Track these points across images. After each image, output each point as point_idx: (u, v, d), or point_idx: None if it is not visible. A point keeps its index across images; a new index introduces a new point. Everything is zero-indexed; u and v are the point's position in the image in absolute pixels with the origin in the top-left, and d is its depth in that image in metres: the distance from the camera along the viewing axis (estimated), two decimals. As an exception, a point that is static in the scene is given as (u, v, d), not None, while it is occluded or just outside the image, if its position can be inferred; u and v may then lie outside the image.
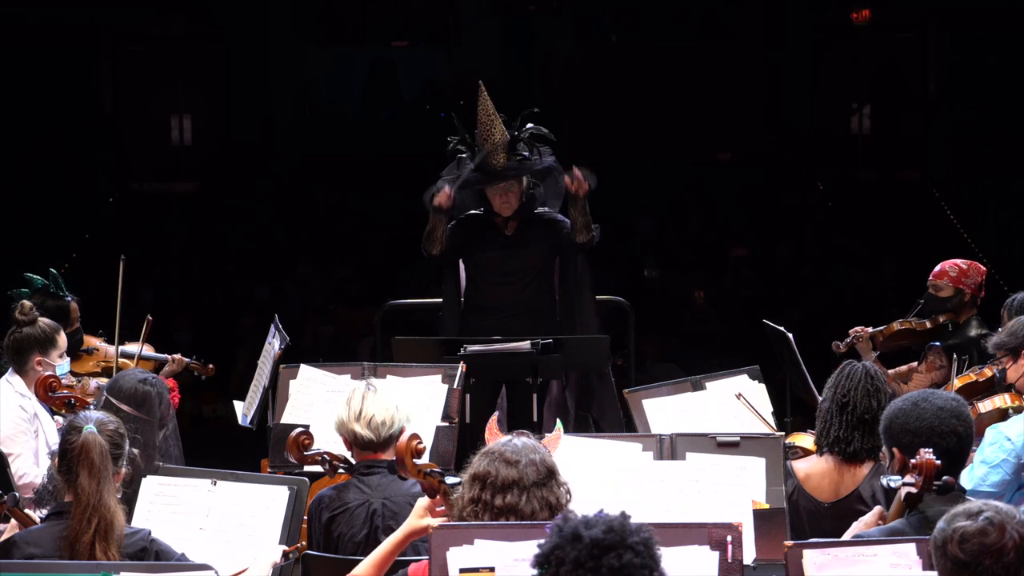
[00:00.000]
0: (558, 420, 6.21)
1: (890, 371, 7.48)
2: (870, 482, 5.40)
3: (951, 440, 4.41)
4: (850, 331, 7.50)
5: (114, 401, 5.47)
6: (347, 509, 5.28)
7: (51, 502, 4.94)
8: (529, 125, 7.85)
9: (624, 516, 3.30)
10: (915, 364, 7.60)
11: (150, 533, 4.67)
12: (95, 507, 4.53)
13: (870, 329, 7.49)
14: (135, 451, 4.91)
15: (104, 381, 6.91)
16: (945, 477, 4.31)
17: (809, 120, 17.79)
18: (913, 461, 4.33)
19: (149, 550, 4.60)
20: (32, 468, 6.33)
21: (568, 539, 3.26)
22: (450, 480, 4.44)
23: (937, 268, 7.50)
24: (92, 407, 5.98)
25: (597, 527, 3.27)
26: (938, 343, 7.38)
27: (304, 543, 5.14)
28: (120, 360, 7.43)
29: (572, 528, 3.28)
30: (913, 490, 4.33)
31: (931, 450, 4.32)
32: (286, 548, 4.95)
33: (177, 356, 7.74)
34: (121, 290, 7.47)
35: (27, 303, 6.66)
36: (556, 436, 5.22)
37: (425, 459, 4.62)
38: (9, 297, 6.99)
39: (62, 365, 6.57)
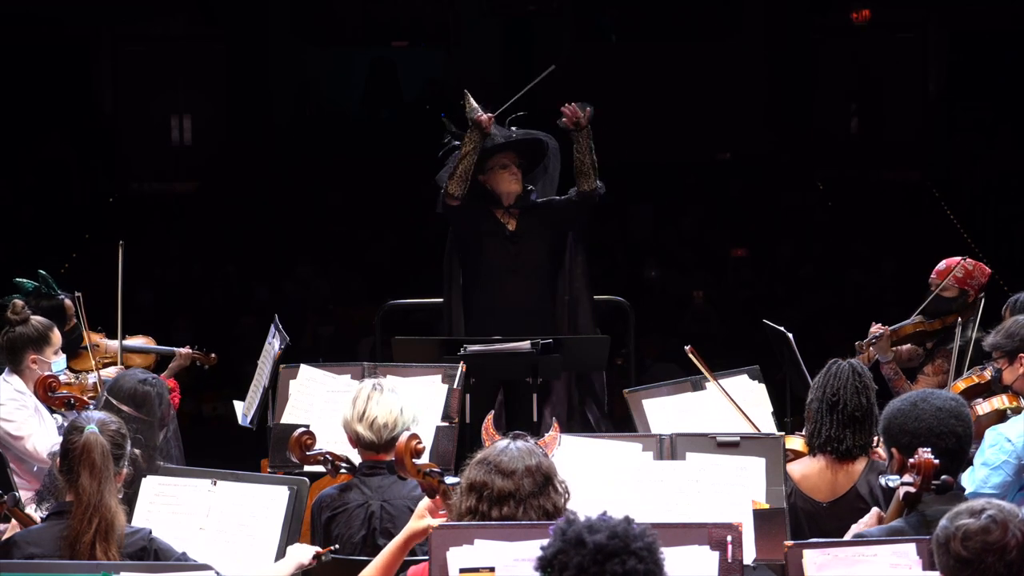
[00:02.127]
0: (554, 420, 6.20)
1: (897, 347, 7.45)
2: (866, 479, 5.40)
3: (950, 440, 4.41)
4: (871, 328, 7.43)
5: (114, 401, 5.48)
6: (346, 510, 5.29)
7: (52, 501, 4.94)
8: (514, 128, 7.87)
9: (628, 521, 3.29)
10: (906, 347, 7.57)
11: (150, 532, 4.67)
12: (96, 507, 4.54)
13: (888, 328, 7.43)
14: (136, 451, 4.91)
15: (102, 372, 6.92)
16: (944, 476, 4.31)
17: (809, 120, 17.78)
18: (911, 461, 4.33)
19: (149, 549, 4.60)
20: (47, 441, 6.32)
21: (572, 544, 3.26)
22: (449, 480, 4.44)
23: (941, 266, 7.42)
24: (92, 406, 6.00)
25: (601, 532, 3.26)
26: (947, 345, 7.34)
27: (337, 546, 5.13)
28: (123, 354, 7.43)
29: (576, 533, 3.27)
30: (912, 489, 4.33)
31: (929, 449, 4.32)
32: (319, 550, 4.95)
33: (184, 350, 7.74)
34: (122, 278, 7.46)
35: (19, 302, 6.67)
36: (553, 437, 5.22)
37: (425, 459, 4.62)
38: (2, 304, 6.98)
39: (57, 362, 6.57)
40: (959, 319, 7.31)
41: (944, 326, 7.39)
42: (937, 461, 4.30)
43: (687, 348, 6.53)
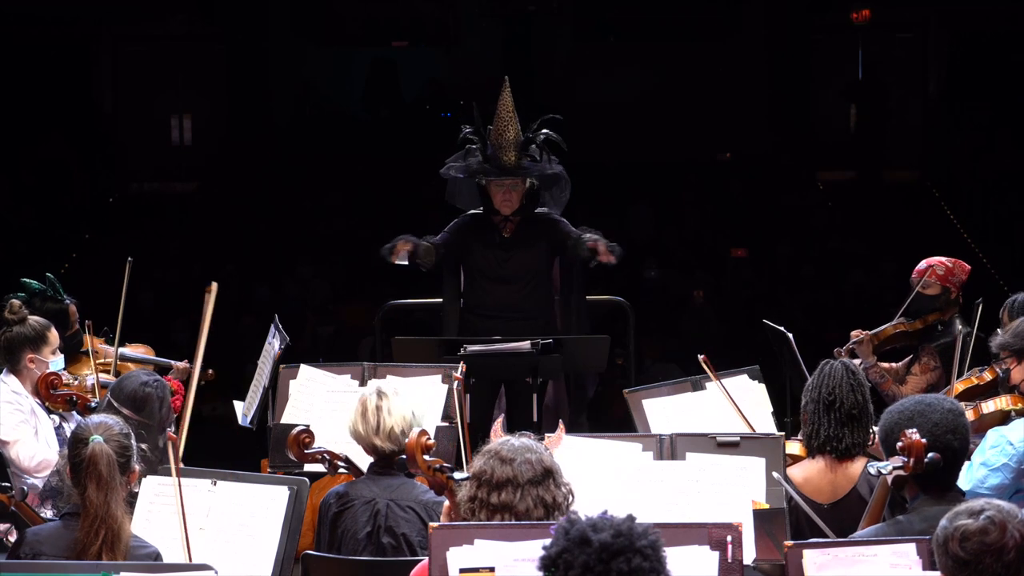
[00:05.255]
0: (560, 421, 6.21)
1: (883, 364, 7.47)
2: (866, 480, 5.39)
3: (947, 454, 4.45)
4: (851, 334, 7.46)
5: (115, 404, 5.48)
6: (353, 505, 5.29)
7: (54, 497, 4.93)
8: (545, 131, 7.88)
9: (631, 519, 3.29)
10: (898, 363, 7.58)
11: (157, 553, 4.65)
12: (103, 518, 4.53)
13: (868, 333, 7.45)
14: (144, 447, 4.89)
15: (101, 375, 6.89)
16: (931, 454, 4.35)
17: (809, 120, 17.79)
18: (900, 444, 4.36)
19: None
20: (43, 449, 6.31)
21: (576, 543, 3.25)
22: (458, 476, 4.45)
23: (921, 265, 7.44)
24: (93, 404, 5.98)
25: (605, 531, 3.26)
26: (931, 344, 7.35)
27: None
28: (119, 364, 7.40)
29: (580, 532, 3.27)
30: (903, 473, 4.36)
31: (915, 430, 4.35)
32: None
33: (182, 364, 7.68)
34: (125, 293, 7.45)
35: (16, 302, 6.63)
36: (558, 436, 5.22)
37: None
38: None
39: (55, 362, 6.55)
40: (939, 317, 7.33)
41: (925, 325, 7.40)
42: (924, 440, 4.32)
43: (701, 358, 6.50)
